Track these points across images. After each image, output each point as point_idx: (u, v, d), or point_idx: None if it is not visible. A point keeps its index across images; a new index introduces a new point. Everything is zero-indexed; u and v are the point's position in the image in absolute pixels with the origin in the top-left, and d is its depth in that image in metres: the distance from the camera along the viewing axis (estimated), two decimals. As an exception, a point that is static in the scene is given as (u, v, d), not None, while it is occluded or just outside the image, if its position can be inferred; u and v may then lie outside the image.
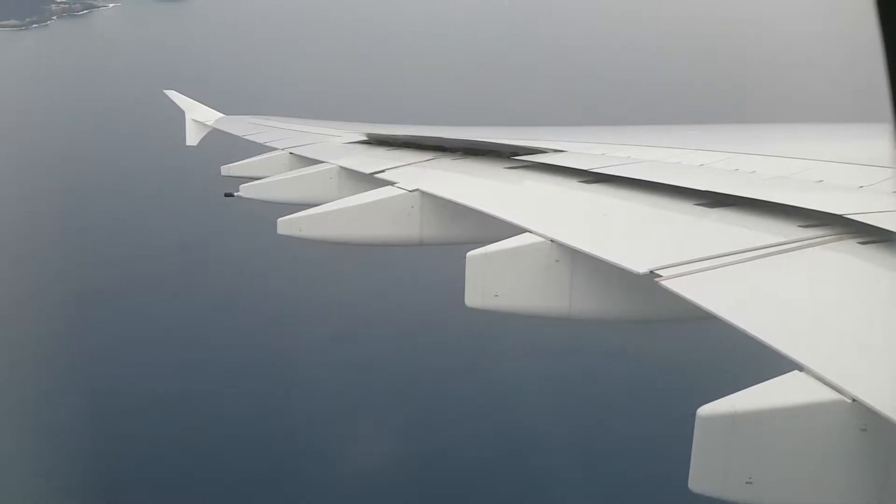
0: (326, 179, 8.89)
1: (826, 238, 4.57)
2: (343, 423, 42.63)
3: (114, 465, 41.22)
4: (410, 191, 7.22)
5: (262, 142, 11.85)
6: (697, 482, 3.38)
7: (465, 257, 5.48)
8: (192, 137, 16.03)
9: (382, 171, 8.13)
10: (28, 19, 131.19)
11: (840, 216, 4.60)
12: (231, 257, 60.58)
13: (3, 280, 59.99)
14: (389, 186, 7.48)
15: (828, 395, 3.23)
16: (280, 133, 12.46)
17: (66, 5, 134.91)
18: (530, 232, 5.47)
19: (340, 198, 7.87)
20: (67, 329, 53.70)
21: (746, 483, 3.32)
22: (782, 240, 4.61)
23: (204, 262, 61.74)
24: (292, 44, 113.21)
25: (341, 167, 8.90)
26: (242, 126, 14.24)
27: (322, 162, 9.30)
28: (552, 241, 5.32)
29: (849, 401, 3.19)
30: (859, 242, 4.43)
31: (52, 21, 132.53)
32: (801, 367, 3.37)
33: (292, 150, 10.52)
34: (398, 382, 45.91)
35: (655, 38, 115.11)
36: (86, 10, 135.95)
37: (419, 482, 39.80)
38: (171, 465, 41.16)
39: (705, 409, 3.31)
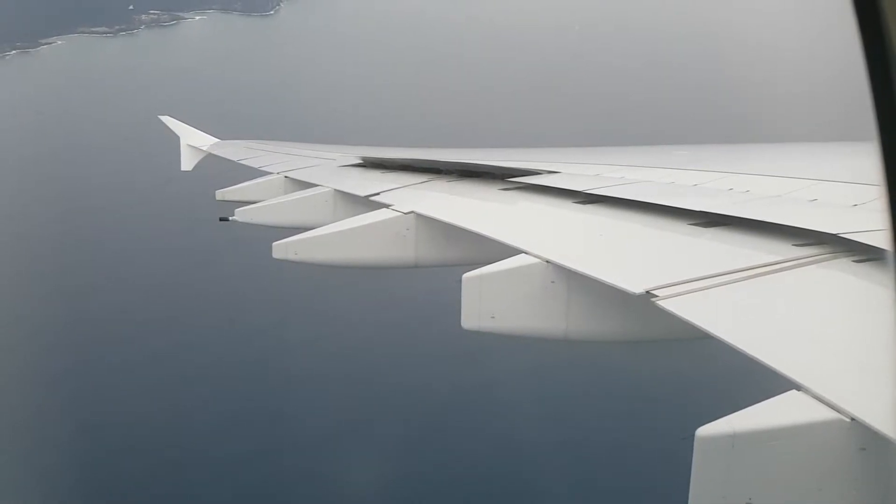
0: (321, 203, 8.88)
1: (821, 256, 4.57)
2: (340, 443, 42.40)
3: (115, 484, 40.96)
4: (405, 213, 7.22)
5: (256, 166, 11.85)
6: None
7: (460, 279, 5.47)
8: (187, 162, 16.04)
9: (377, 193, 8.12)
10: (117, 27, 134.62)
11: (834, 235, 4.61)
12: (226, 282, 60.43)
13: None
14: (384, 209, 7.47)
15: (826, 414, 3.21)
16: (274, 157, 12.46)
17: (156, 16, 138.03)
18: (526, 253, 5.46)
19: (336, 221, 7.86)
20: (63, 351, 53.49)
21: None
22: (777, 258, 4.61)
23: (199, 286, 61.59)
24: (352, 60, 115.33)
25: (336, 190, 8.89)
26: (237, 150, 14.26)
27: (317, 185, 9.30)
28: (548, 262, 5.31)
29: (847, 420, 3.17)
30: (854, 261, 4.43)
31: (140, 30, 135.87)
32: (798, 387, 3.35)
33: (287, 174, 10.52)
34: (395, 404, 45.69)
35: (649, 57, 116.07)
36: (174, 21, 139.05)
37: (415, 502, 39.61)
38: (169, 487, 40.90)
39: (704, 430, 3.28)
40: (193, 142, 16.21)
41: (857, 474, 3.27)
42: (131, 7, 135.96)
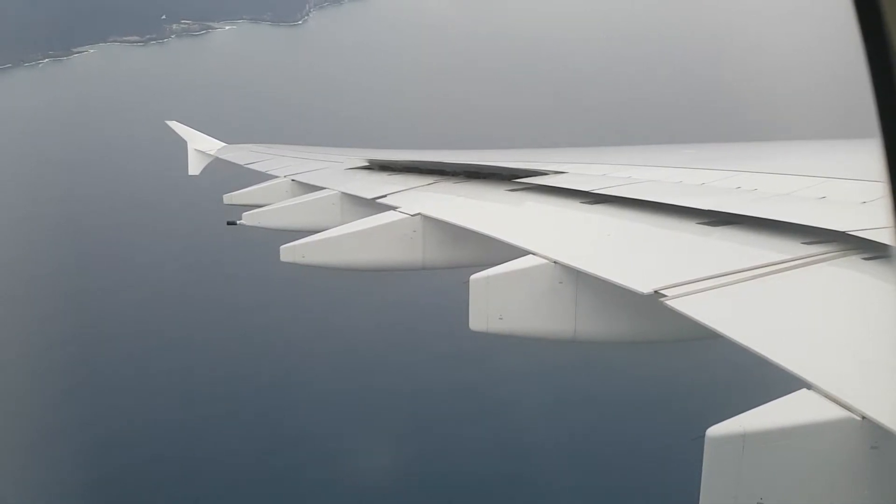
0: (328, 205, 8.88)
1: (830, 254, 4.54)
2: (347, 445, 42.42)
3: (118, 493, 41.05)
4: (412, 215, 7.20)
5: (263, 170, 11.87)
6: None
7: (468, 281, 5.45)
8: (195, 167, 16.10)
9: (384, 195, 8.12)
10: (148, 36, 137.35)
11: (843, 233, 4.58)
12: (234, 286, 60.59)
13: (6, 305, 60.17)
14: (391, 211, 7.46)
15: (837, 413, 3.19)
16: (281, 161, 12.48)
17: (186, 25, 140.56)
18: (533, 254, 5.44)
19: (343, 224, 7.86)
20: (71, 351, 53.77)
21: None
22: (786, 257, 4.58)
23: (208, 290, 61.76)
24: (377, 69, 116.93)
25: (343, 193, 8.89)
26: (244, 154, 14.28)
27: (324, 188, 9.30)
28: (555, 262, 5.29)
29: (858, 418, 3.15)
30: (863, 258, 4.40)
31: (170, 39, 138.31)
32: (809, 386, 3.34)
33: (294, 177, 10.52)
34: (403, 406, 45.69)
35: (654, 57, 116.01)
36: (203, 30, 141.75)
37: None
38: (173, 494, 41.02)
39: (714, 430, 3.27)
40: (200, 146, 16.28)
41: (868, 473, 3.25)
42: (164, 17, 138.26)
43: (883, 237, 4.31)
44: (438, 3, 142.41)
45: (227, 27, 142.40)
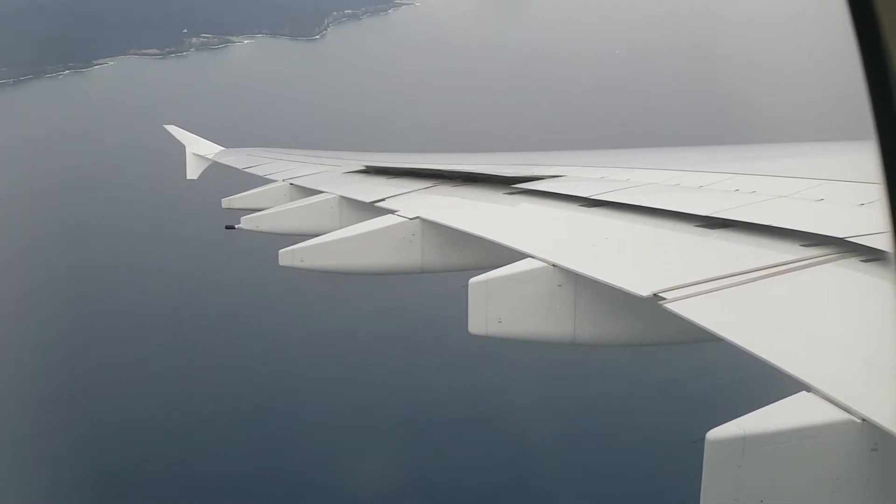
0: (327, 209, 8.86)
1: (828, 257, 4.54)
2: (345, 449, 42.38)
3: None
4: (411, 219, 7.19)
5: (261, 174, 11.85)
6: None
7: (467, 284, 5.45)
8: (193, 171, 16.05)
9: (382, 199, 8.11)
10: (167, 49, 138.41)
11: (841, 239, 4.58)
12: (233, 290, 60.56)
13: (4, 313, 60.22)
14: (390, 215, 7.45)
15: (837, 415, 3.19)
16: (279, 164, 12.45)
17: (206, 39, 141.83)
18: (532, 257, 5.44)
19: (341, 227, 7.85)
20: (72, 355, 53.76)
21: None
22: (785, 259, 4.58)
23: (206, 295, 61.73)
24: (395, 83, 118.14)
25: (341, 197, 8.87)
26: (242, 158, 14.24)
27: (322, 192, 9.28)
28: (554, 265, 5.29)
29: (858, 421, 3.15)
30: (862, 260, 4.40)
31: (189, 53, 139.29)
32: (808, 388, 3.34)
33: (292, 181, 10.49)
34: (402, 410, 45.66)
35: (652, 59, 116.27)
36: (222, 44, 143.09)
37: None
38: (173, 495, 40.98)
39: (714, 433, 3.26)
40: (199, 150, 16.23)
41: (868, 475, 3.25)
42: (185, 30, 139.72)
43: (880, 242, 4.30)
44: (454, 18, 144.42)
45: (245, 41, 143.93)
